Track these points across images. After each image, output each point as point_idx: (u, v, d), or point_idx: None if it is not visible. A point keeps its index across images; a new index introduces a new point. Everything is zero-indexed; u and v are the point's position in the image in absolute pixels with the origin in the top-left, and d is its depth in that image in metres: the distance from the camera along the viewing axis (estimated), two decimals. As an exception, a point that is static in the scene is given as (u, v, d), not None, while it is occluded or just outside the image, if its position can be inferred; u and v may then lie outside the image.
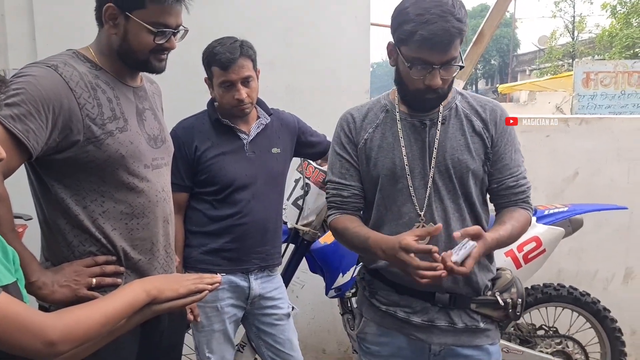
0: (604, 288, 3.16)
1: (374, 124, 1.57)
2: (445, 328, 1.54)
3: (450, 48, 1.36)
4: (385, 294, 1.60)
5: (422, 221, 1.49)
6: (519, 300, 1.55)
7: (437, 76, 1.39)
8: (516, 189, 1.54)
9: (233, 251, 1.97)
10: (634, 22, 18.71)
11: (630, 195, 3.09)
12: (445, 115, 1.52)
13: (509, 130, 1.54)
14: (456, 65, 1.40)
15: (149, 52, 1.38)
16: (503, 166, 1.53)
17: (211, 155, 1.96)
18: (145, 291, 1.09)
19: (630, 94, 7.86)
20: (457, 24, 1.34)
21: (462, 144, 1.50)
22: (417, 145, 1.51)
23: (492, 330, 1.59)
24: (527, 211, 1.55)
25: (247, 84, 1.93)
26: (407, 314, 1.56)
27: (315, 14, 2.97)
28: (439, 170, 1.50)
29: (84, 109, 1.29)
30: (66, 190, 1.32)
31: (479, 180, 1.53)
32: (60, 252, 1.36)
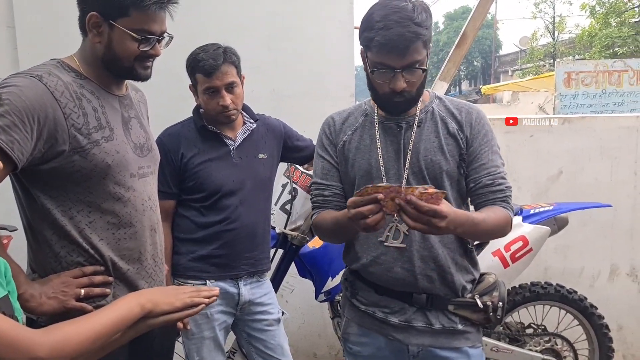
0: (590, 285, 3.20)
1: (353, 127, 1.61)
2: (423, 329, 1.55)
3: (409, 52, 1.38)
4: (366, 294, 1.61)
5: (396, 221, 1.48)
6: (500, 303, 1.55)
7: (400, 80, 1.42)
8: (494, 187, 1.51)
9: (222, 257, 1.97)
10: (613, 22, 18.98)
11: (614, 192, 3.13)
12: (421, 119, 1.54)
13: (485, 132, 1.54)
14: (419, 68, 1.42)
15: (133, 60, 1.37)
16: (479, 165, 1.52)
17: (198, 162, 1.95)
18: (139, 305, 1.07)
19: (610, 92, 7.98)
20: (415, 28, 1.36)
21: (436, 146, 1.51)
22: (392, 147, 1.54)
23: (473, 333, 1.58)
24: (505, 209, 1.50)
25: (232, 90, 1.93)
26: (385, 314, 1.57)
27: (299, 19, 2.97)
28: (413, 171, 1.51)
29: (70, 119, 1.28)
30: (52, 201, 1.31)
31: (454, 182, 1.53)
32: (48, 263, 1.34)
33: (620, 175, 3.18)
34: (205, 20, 2.85)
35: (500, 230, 1.51)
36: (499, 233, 1.52)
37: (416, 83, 1.46)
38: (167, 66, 2.21)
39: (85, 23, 1.34)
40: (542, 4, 25.92)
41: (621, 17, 18.87)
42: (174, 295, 1.15)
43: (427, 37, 1.40)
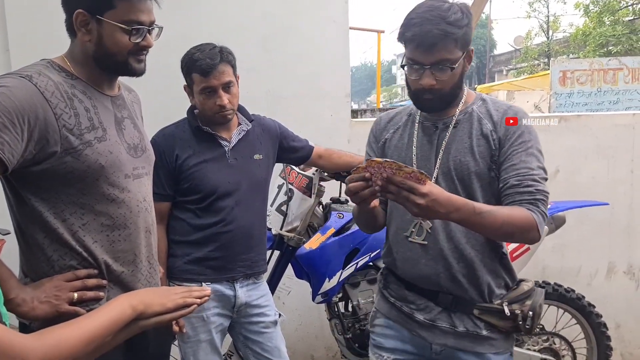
0: (587, 284, 3.20)
1: (396, 126, 1.66)
2: (446, 329, 1.55)
3: (437, 49, 1.41)
4: (396, 288, 1.65)
5: (421, 218, 1.52)
6: (530, 312, 1.51)
7: (429, 76, 1.45)
8: (520, 188, 1.42)
9: (218, 260, 1.95)
10: (607, 20, 19.05)
11: (611, 191, 3.13)
12: (458, 119, 1.55)
13: (520, 134, 1.48)
14: (448, 67, 1.43)
15: (127, 54, 1.35)
16: (509, 166, 1.47)
17: (193, 163, 1.93)
18: (131, 306, 1.06)
19: (606, 91, 7.99)
20: (446, 26, 1.39)
21: (466, 147, 1.51)
22: (426, 147, 1.57)
23: (498, 340, 1.55)
24: (529, 211, 1.40)
25: (228, 90, 1.92)
26: (412, 310, 1.59)
27: (294, 20, 2.96)
28: (443, 171, 1.52)
29: (61, 120, 1.25)
30: (44, 204, 1.29)
31: (485, 183, 1.50)
32: (40, 267, 1.32)
33: (617, 174, 3.18)
34: (201, 20, 2.84)
35: (519, 232, 1.40)
36: (517, 234, 1.42)
37: (447, 82, 1.46)
38: (162, 66, 2.19)
39: (73, 22, 1.32)
40: (536, 3, 26.00)
41: (615, 15, 18.94)
42: (165, 296, 1.13)
43: (459, 36, 1.41)
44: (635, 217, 3.19)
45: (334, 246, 2.43)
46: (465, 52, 1.47)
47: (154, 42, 1.40)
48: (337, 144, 2.66)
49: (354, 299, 2.51)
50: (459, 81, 1.50)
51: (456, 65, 1.44)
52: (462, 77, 1.52)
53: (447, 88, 1.48)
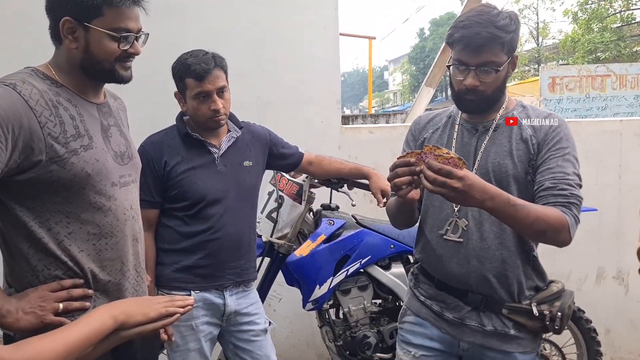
0: (577, 288, 3.21)
1: (435, 126, 1.70)
2: (475, 328, 1.58)
3: (484, 51, 1.46)
4: (426, 287, 1.69)
5: (456, 216, 1.57)
6: (559, 313, 1.54)
7: (473, 77, 1.49)
8: (555, 190, 1.44)
9: (206, 267, 1.93)
10: (595, 27, 19.25)
11: (599, 196, 3.15)
12: (499, 124, 1.58)
13: (559, 140, 1.51)
14: (492, 69, 1.47)
15: (114, 61, 1.34)
16: (545, 169, 1.49)
17: (181, 170, 1.92)
18: (112, 317, 1.04)
19: (594, 97, 8.07)
20: (494, 30, 1.44)
21: (506, 150, 1.55)
22: (466, 149, 1.60)
23: (526, 340, 1.58)
24: (563, 213, 1.41)
25: (222, 95, 1.91)
26: (442, 309, 1.63)
27: (284, 26, 2.97)
28: (481, 172, 1.54)
29: (46, 128, 1.24)
30: (29, 213, 1.27)
31: (522, 186, 1.53)
32: (24, 277, 1.30)
33: (605, 179, 3.20)
34: (189, 27, 2.84)
35: (551, 230, 1.40)
36: (549, 233, 1.41)
37: (491, 84, 1.50)
38: (150, 73, 2.19)
39: (59, 30, 1.31)
40: (525, 10, 26.25)
41: (603, 22, 19.14)
42: (147, 305, 1.12)
43: (505, 40, 1.46)
44: (624, 222, 3.21)
45: (325, 253, 2.42)
46: (510, 58, 1.51)
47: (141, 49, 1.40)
48: (328, 151, 2.66)
49: (344, 306, 2.50)
50: (501, 85, 1.54)
51: (501, 69, 1.48)
52: (505, 81, 1.55)
53: (490, 91, 1.52)
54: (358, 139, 3.10)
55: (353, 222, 2.53)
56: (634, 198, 3.19)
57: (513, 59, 1.53)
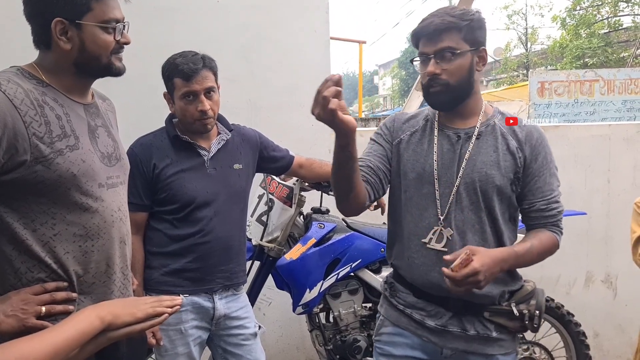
0: (566, 292, 3.23)
1: (413, 128, 1.66)
2: (458, 334, 1.57)
3: (440, 38, 1.48)
4: (404, 295, 1.66)
5: (441, 225, 1.55)
6: (537, 312, 1.56)
7: (433, 65, 1.50)
8: (546, 212, 1.57)
9: (196, 271, 1.92)
10: (583, 33, 19.44)
11: (588, 201, 3.17)
12: (481, 131, 1.57)
13: (545, 154, 1.57)
14: (450, 53, 1.48)
15: (110, 54, 1.35)
16: (536, 189, 1.56)
17: (170, 172, 1.90)
18: (99, 317, 1.03)
19: (582, 102, 8.15)
20: (449, 18, 1.47)
21: (493, 160, 1.54)
22: (448, 156, 1.57)
23: (507, 341, 1.60)
24: (554, 234, 1.59)
25: (210, 96, 1.89)
26: (422, 317, 1.61)
27: (274, 29, 2.96)
28: (465, 182, 1.54)
29: (30, 127, 1.22)
30: (13, 214, 1.25)
31: (505, 198, 1.55)
32: (7, 280, 1.28)
33: (594, 183, 3.22)
34: (180, 30, 2.82)
35: (548, 254, 1.59)
36: (546, 256, 1.59)
37: (452, 72, 1.49)
38: (140, 76, 2.17)
39: (51, 33, 1.29)
40: (514, 16, 26.45)
41: (591, 28, 19.35)
42: (135, 305, 1.10)
43: (461, 26, 1.47)
44: (612, 226, 3.23)
45: (315, 257, 2.41)
46: (475, 50, 1.51)
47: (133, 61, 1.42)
48: (318, 154, 2.64)
49: (335, 309, 2.50)
50: (467, 76, 1.52)
51: (458, 52, 1.48)
52: (471, 74, 1.53)
53: (453, 80, 1.50)
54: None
55: (343, 226, 2.52)
56: (623, 202, 3.21)
57: (480, 53, 1.52)
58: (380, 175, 1.62)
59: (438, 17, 1.48)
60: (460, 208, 1.55)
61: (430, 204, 1.57)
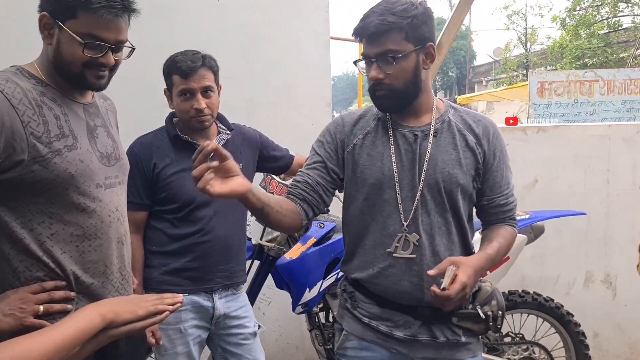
0: (566, 292, 3.23)
1: (364, 131, 1.56)
2: (427, 342, 1.53)
3: (381, 41, 1.40)
4: (367, 306, 1.57)
5: (405, 231, 1.48)
6: (500, 312, 1.52)
7: (375, 69, 1.43)
8: (505, 207, 1.57)
9: (195, 270, 1.92)
10: (583, 33, 19.45)
11: (587, 200, 3.17)
12: (437, 128, 1.51)
13: (501, 148, 1.54)
14: (391, 57, 1.40)
15: (81, 66, 1.30)
16: (495, 184, 1.54)
17: (171, 172, 1.90)
18: (100, 315, 1.03)
19: (582, 102, 8.15)
20: (388, 17, 1.38)
21: (454, 158, 1.49)
22: (407, 157, 1.50)
23: (474, 344, 1.58)
24: (513, 228, 1.59)
25: (207, 95, 1.89)
26: (390, 328, 1.54)
27: (274, 29, 2.95)
28: (428, 183, 1.48)
29: (28, 127, 1.22)
30: (10, 213, 1.25)
31: (467, 196, 1.52)
32: (5, 279, 1.28)
33: (593, 184, 3.22)
34: (180, 29, 2.82)
35: (509, 249, 1.59)
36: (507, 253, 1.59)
37: (396, 76, 1.42)
38: (139, 76, 2.17)
39: (40, 25, 1.30)
40: (514, 16, 26.49)
41: (590, 29, 19.36)
42: (136, 303, 1.10)
43: (403, 25, 1.39)
44: (612, 226, 3.23)
45: (315, 256, 2.41)
46: (420, 47, 1.43)
47: (122, 60, 1.36)
48: (318, 154, 2.65)
49: (334, 309, 2.49)
50: (412, 77, 1.44)
51: (400, 56, 1.40)
52: (417, 74, 1.45)
53: (398, 83, 1.43)
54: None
55: (343, 225, 2.52)
56: (622, 202, 3.21)
57: (427, 49, 1.44)
58: (320, 190, 1.54)
59: (378, 15, 1.39)
60: (427, 211, 1.49)
61: (393, 209, 1.49)
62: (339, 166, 1.57)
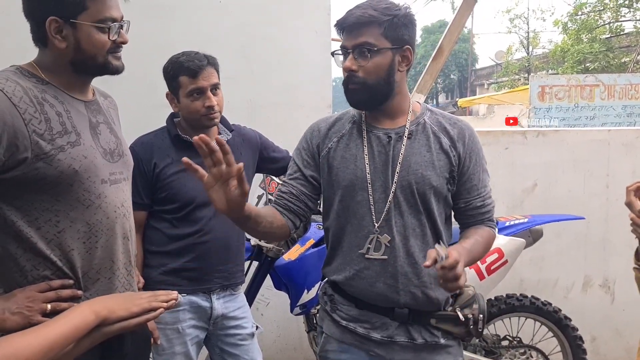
0: (564, 296, 3.23)
1: (339, 134, 1.57)
2: (405, 344, 1.52)
3: (360, 33, 1.42)
4: (346, 309, 1.57)
5: (377, 232, 1.48)
6: (480, 316, 1.51)
7: (350, 60, 1.44)
8: (482, 209, 1.57)
9: (194, 271, 1.92)
10: (584, 38, 19.46)
11: (586, 205, 3.18)
12: (412, 130, 1.51)
13: (477, 151, 1.54)
14: (367, 49, 1.42)
15: (106, 53, 1.34)
16: (471, 187, 1.54)
17: (171, 172, 1.91)
18: (94, 312, 1.03)
19: (583, 106, 8.14)
20: (371, 11, 1.41)
21: (427, 160, 1.49)
22: (380, 159, 1.50)
23: (454, 347, 1.56)
24: (491, 229, 1.59)
25: (216, 92, 1.91)
26: (367, 330, 1.53)
27: (275, 29, 2.96)
28: (401, 185, 1.47)
29: (30, 125, 1.23)
30: (16, 212, 1.25)
31: (441, 198, 1.51)
32: (12, 278, 1.28)
33: (592, 188, 3.22)
34: (180, 29, 2.82)
35: (487, 249, 1.58)
36: (486, 252, 1.59)
37: (370, 71, 1.43)
38: (139, 75, 2.17)
39: (46, 31, 1.29)
40: (516, 20, 26.52)
41: (592, 33, 19.36)
42: (130, 300, 1.10)
43: (382, 21, 1.41)
44: (611, 230, 3.24)
45: (313, 257, 2.42)
46: (398, 49, 1.44)
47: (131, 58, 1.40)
48: (318, 155, 2.65)
49: (332, 310, 2.50)
50: (385, 75, 1.45)
51: (376, 49, 1.42)
52: (391, 74, 1.46)
53: (370, 79, 1.44)
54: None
55: (342, 227, 2.52)
56: (621, 207, 3.17)
57: (404, 52, 1.46)
58: (305, 198, 1.56)
59: (361, 9, 1.42)
60: (400, 213, 1.49)
61: (366, 211, 1.50)
62: (317, 171, 1.58)
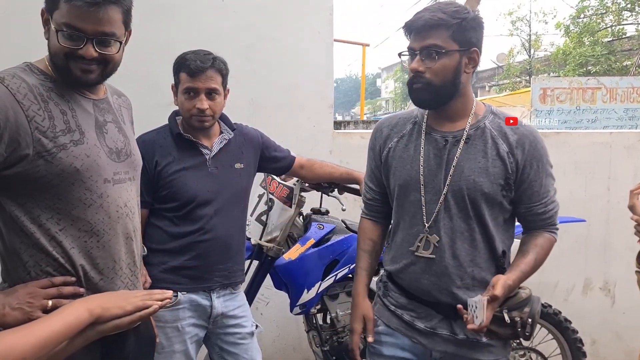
0: (564, 299, 3.23)
1: (400, 134, 1.63)
2: (447, 337, 1.56)
3: (428, 35, 1.44)
4: (396, 296, 1.65)
5: (427, 232, 1.54)
6: (529, 320, 1.50)
7: (417, 61, 1.47)
8: (544, 215, 1.57)
9: (194, 269, 1.92)
10: (586, 41, 19.43)
11: (588, 208, 3.17)
12: (470, 135, 1.52)
13: (540, 157, 1.52)
14: (435, 51, 1.44)
15: (64, 57, 1.28)
16: (532, 193, 1.54)
17: (172, 170, 1.91)
18: (88, 310, 1.03)
19: (584, 109, 8.14)
20: (440, 14, 1.44)
21: (481, 167, 1.50)
22: (435, 162, 1.53)
23: (497, 347, 1.57)
24: (552, 234, 1.60)
25: (212, 97, 1.90)
26: (412, 318, 1.60)
27: (277, 30, 2.97)
28: (453, 189, 1.51)
29: (33, 122, 1.23)
30: (20, 208, 1.26)
31: (495, 204, 1.52)
32: (16, 272, 1.29)
33: (593, 190, 3.22)
34: (183, 29, 2.83)
35: (546, 257, 1.60)
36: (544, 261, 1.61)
37: (437, 72, 1.45)
38: (142, 74, 2.18)
39: None
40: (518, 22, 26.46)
41: (594, 36, 19.34)
42: (124, 298, 1.11)
43: (450, 24, 1.43)
44: (612, 233, 3.23)
45: (314, 257, 2.41)
46: (465, 51, 1.46)
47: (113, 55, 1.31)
48: (319, 155, 2.65)
49: (332, 311, 2.50)
50: (452, 77, 1.47)
51: (444, 52, 1.44)
52: (457, 75, 1.47)
53: (437, 80, 1.46)
54: (350, 144, 3.11)
55: (343, 227, 2.52)
56: (622, 210, 3.18)
57: (471, 54, 1.48)
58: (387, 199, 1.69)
59: (430, 12, 1.45)
60: (449, 216, 1.52)
61: (417, 211, 1.56)
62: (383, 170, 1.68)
